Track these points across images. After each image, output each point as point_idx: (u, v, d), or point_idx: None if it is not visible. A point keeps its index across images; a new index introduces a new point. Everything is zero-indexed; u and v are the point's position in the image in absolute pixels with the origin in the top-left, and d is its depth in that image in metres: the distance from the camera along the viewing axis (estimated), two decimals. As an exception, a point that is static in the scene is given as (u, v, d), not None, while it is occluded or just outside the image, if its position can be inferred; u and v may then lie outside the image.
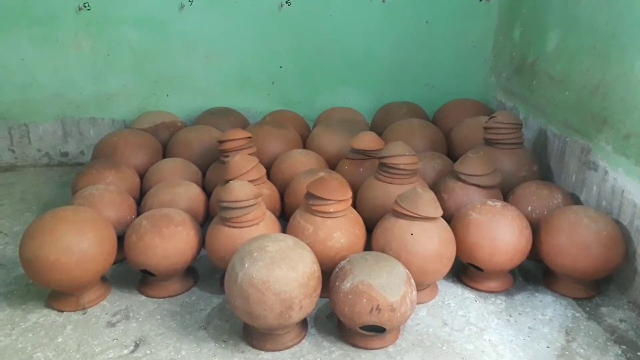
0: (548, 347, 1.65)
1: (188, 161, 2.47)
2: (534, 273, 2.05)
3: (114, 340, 1.67)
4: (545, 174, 2.45)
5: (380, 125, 2.94)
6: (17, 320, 1.76)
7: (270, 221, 1.88)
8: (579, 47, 2.27)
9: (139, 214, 2.08)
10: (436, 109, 3.12)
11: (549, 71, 2.53)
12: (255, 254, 1.52)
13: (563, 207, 1.96)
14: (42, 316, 1.78)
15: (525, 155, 2.34)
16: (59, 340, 1.67)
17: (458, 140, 2.66)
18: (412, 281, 1.62)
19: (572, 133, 2.28)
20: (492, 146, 2.34)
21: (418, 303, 1.80)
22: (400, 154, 2.02)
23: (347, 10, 3.05)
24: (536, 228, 1.93)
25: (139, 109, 3.10)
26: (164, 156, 2.67)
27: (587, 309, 1.84)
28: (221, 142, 2.28)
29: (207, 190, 2.31)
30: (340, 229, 1.79)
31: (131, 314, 1.80)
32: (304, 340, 1.67)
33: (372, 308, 1.52)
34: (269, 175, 2.33)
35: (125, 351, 1.62)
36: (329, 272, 1.70)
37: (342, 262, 1.68)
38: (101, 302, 1.85)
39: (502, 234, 1.83)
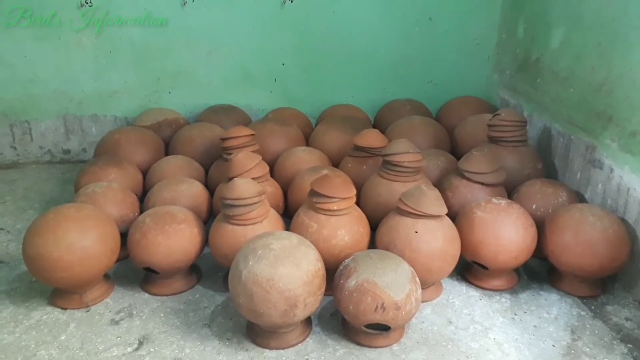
0: (553, 345, 1.64)
1: (191, 158, 2.46)
2: (538, 271, 2.04)
3: (117, 338, 1.67)
4: (549, 172, 2.44)
5: (383, 122, 2.93)
6: (21, 318, 1.76)
7: (273, 219, 1.88)
8: (584, 44, 2.25)
9: (141, 211, 2.07)
10: (439, 106, 3.10)
11: (553, 68, 2.51)
12: (259, 252, 1.52)
13: (568, 205, 1.95)
14: (46, 314, 1.78)
15: (530, 153, 2.33)
16: (63, 338, 1.67)
17: (461, 138, 2.65)
18: (417, 279, 1.61)
19: (577, 131, 2.27)
20: (496, 144, 2.32)
21: (422, 301, 1.79)
22: (404, 151, 2.01)
23: (349, 7, 3.04)
24: (541, 226, 1.92)
25: (141, 106, 3.09)
26: (167, 153, 2.66)
27: (593, 307, 1.83)
28: (224, 139, 2.27)
29: (210, 188, 2.30)
30: (344, 227, 1.78)
31: (135, 312, 1.79)
32: (308, 339, 1.66)
33: (376, 306, 1.51)
34: (272, 173, 2.32)
35: (129, 349, 1.62)
36: (333, 270, 1.70)
37: (346, 260, 1.67)
38: (104, 300, 1.85)
39: (506, 232, 1.82)
